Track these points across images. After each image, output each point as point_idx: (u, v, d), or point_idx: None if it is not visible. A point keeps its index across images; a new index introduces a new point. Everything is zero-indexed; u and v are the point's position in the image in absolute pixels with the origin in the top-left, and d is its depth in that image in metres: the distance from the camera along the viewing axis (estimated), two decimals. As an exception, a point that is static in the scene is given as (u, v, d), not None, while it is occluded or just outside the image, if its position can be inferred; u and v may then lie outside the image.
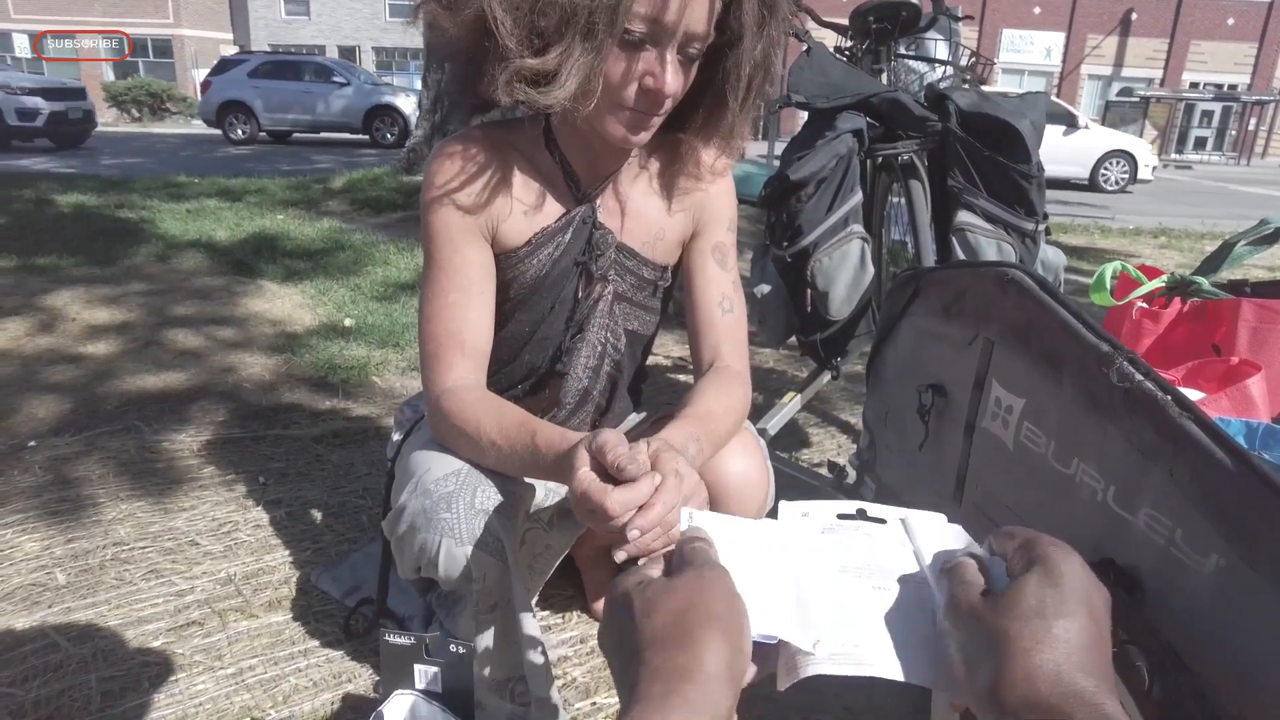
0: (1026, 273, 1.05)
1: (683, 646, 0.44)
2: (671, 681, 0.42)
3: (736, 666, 0.45)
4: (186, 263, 4.27)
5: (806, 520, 0.65)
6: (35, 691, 1.30)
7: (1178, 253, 6.34)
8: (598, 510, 0.70)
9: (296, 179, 7.52)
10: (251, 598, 1.55)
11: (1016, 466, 1.05)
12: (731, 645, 0.45)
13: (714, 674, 0.43)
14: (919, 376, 1.29)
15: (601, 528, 0.72)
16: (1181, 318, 1.30)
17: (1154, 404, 0.83)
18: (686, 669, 0.43)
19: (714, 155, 1.09)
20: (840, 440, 2.39)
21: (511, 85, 0.87)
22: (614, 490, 0.70)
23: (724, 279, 1.11)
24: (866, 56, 2.15)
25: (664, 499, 0.70)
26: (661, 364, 3.00)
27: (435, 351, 1.00)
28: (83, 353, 2.85)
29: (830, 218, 1.64)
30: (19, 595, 1.53)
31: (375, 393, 2.61)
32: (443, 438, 0.98)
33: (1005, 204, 1.70)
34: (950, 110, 1.69)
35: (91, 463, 2.05)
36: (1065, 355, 0.97)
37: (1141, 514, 0.85)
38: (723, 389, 1.01)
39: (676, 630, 0.45)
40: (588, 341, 1.11)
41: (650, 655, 0.44)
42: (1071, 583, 0.43)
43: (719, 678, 0.43)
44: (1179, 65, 25.70)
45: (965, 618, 0.45)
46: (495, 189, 1.01)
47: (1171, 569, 0.80)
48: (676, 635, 0.45)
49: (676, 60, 0.89)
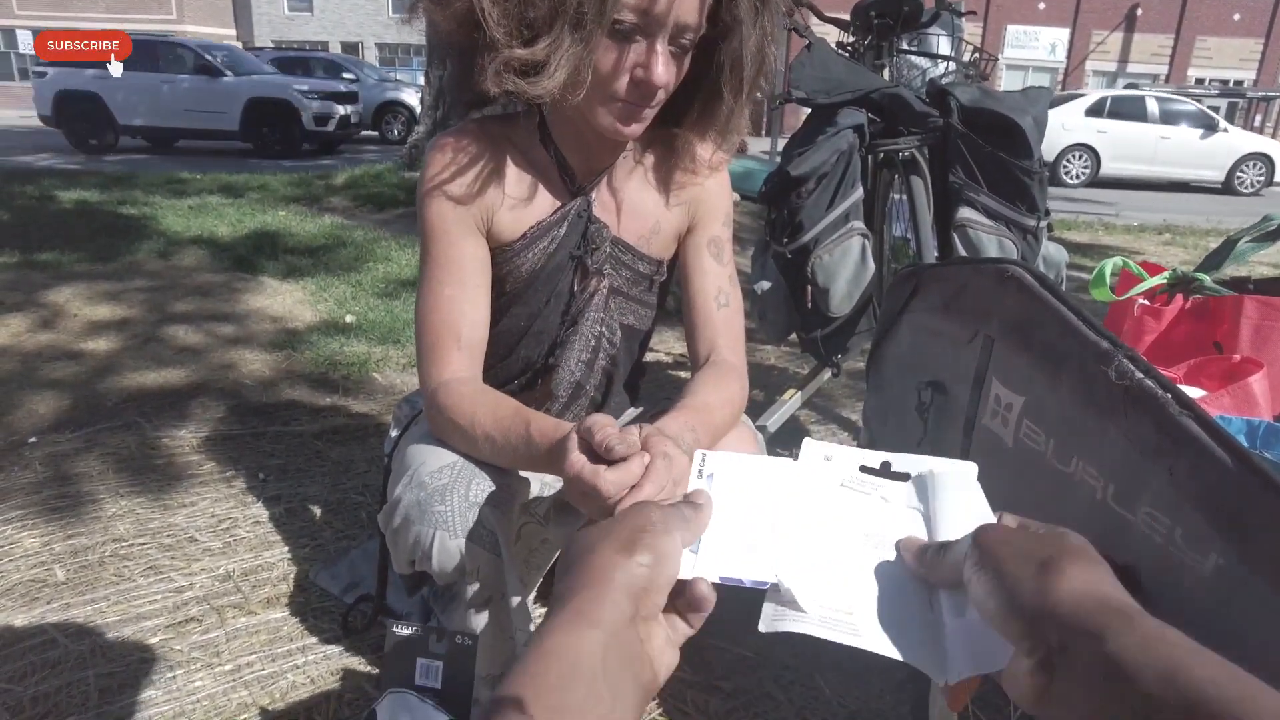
0: (1026, 269, 1.05)
1: (585, 564, 0.49)
2: (570, 592, 0.47)
3: (638, 581, 0.48)
4: (188, 259, 4.27)
5: (828, 466, 0.64)
6: (33, 688, 1.30)
7: (1181, 249, 6.32)
8: (590, 492, 0.70)
9: (298, 175, 7.52)
10: (250, 594, 1.55)
11: (1016, 465, 1.04)
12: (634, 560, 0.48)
13: (614, 585, 0.46)
14: (918, 374, 1.28)
15: (595, 511, 0.72)
16: (1183, 315, 1.29)
17: (1154, 402, 0.82)
18: (585, 580, 0.47)
19: (710, 150, 1.09)
20: (841, 437, 2.38)
21: (500, 76, 0.86)
22: (605, 471, 0.70)
23: (720, 273, 1.11)
24: (868, 52, 2.14)
25: (654, 479, 0.70)
26: (662, 360, 2.99)
27: (431, 345, 0.99)
28: (83, 349, 2.85)
29: (831, 214, 1.64)
30: (18, 591, 1.53)
31: (376, 389, 2.60)
32: (439, 431, 0.98)
33: (1007, 200, 1.69)
34: (952, 106, 1.68)
35: (91, 459, 2.05)
36: (1065, 353, 0.96)
37: (1141, 513, 0.84)
38: (719, 382, 1.00)
39: (585, 554, 0.50)
40: (580, 335, 1.11)
41: (564, 575, 0.50)
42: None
43: (617, 587, 0.46)
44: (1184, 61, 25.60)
45: (1001, 548, 0.46)
46: (490, 182, 1.01)
47: (1171, 569, 0.80)
48: (583, 557, 0.50)
49: (668, 51, 0.89)
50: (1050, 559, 0.43)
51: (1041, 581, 0.42)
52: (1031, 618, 0.41)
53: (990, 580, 0.45)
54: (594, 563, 0.48)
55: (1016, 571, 0.43)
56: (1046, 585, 0.41)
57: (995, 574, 0.44)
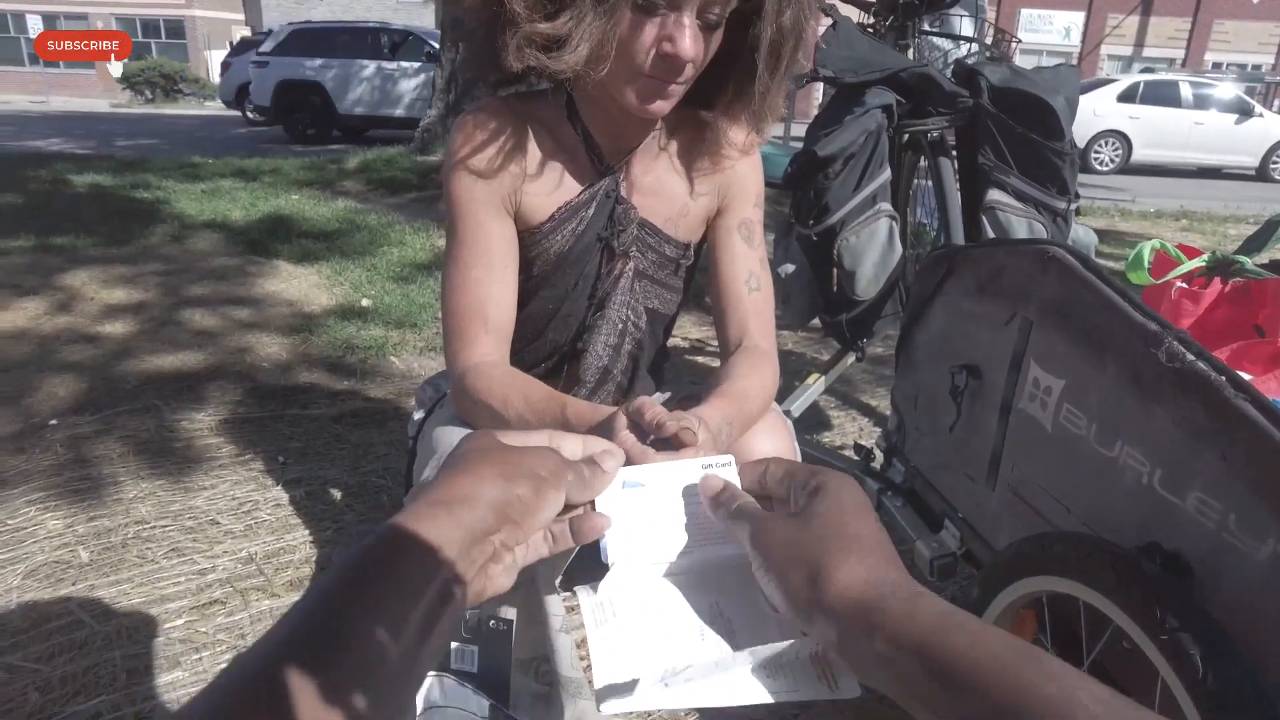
0: (1069, 250, 1.02)
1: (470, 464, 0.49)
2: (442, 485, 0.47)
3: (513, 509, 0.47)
4: (202, 243, 4.27)
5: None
6: (61, 668, 1.30)
7: (1200, 236, 6.25)
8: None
9: (311, 159, 7.51)
10: (273, 577, 1.55)
11: (1055, 448, 1.03)
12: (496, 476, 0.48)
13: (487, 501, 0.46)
14: (951, 357, 1.26)
15: None
16: (1222, 298, 1.27)
17: (1206, 385, 0.80)
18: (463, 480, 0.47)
19: (744, 132, 1.06)
20: (862, 423, 2.37)
21: (522, 51, 0.85)
22: (655, 455, 0.69)
23: (751, 256, 1.09)
24: (891, 33, 2.10)
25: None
26: (679, 345, 2.97)
27: (459, 327, 0.98)
28: (100, 332, 2.85)
29: (858, 195, 1.61)
30: (43, 573, 1.54)
31: (393, 373, 2.60)
32: (467, 414, 0.97)
33: (1037, 182, 1.66)
34: (982, 86, 1.65)
35: (111, 442, 2.05)
36: (1109, 335, 0.94)
37: (1191, 498, 0.82)
38: (753, 369, 0.98)
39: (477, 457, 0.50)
40: (608, 319, 1.09)
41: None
42: (855, 499, 0.48)
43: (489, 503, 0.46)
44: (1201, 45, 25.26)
45: (773, 538, 0.48)
46: (517, 161, 0.99)
47: (1224, 554, 0.78)
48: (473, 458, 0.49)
49: (696, 25, 0.86)
50: (816, 562, 0.44)
51: (812, 591, 0.44)
52: (808, 622, 0.44)
53: (770, 584, 0.47)
54: (479, 469, 0.48)
55: (790, 579, 0.45)
56: (816, 595, 0.44)
57: (774, 579, 0.47)
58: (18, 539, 1.64)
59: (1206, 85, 13.10)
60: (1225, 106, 12.70)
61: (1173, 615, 0.75)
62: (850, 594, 0.43)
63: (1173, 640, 0.74)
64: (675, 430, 0.69)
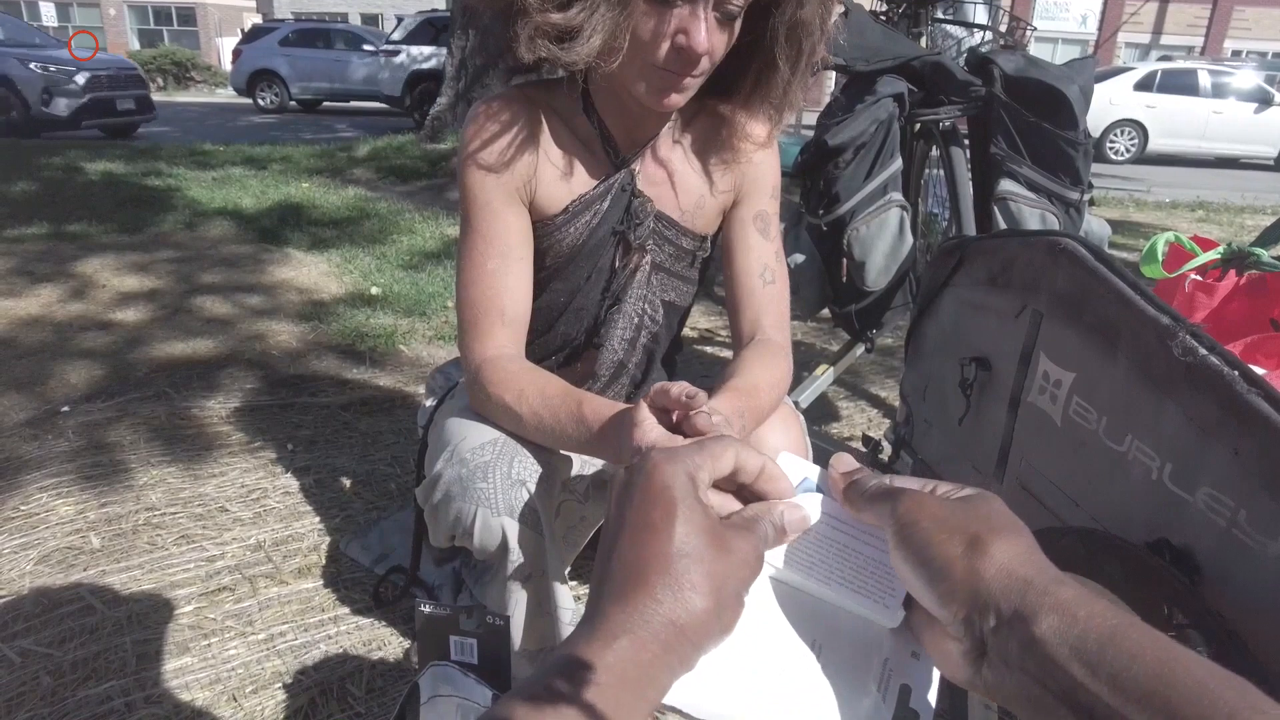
0: (1080, 242, 1.01)
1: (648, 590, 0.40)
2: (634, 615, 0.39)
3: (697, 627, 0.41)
4: (213, 230, 4.28)
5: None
6: (72, 652, 1.31)
7: (1216, 227, 6.18)
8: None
9: (321, 147, 7.52)
10: (281, 564, 1.56)
11: (1064, 442, 1.02)
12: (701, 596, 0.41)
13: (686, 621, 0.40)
14: (961, 349, 1.25)
15: None
16: (1237, 291, 1.25)
17: (1219, 379, 0.79)
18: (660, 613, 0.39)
19: (763, 126, 1.05)
20: (871, 414, 2.36)
21: (534, 42, 0.84)
22: (684, 441, 0.69)
23: (766, 249, 1.08)
24: (904, 20, 2.08)
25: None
26: (688, 335, 2.97)
27: (474, 319, 0.97)
28: (113, 319, 2.87)
29: (869, 185, 1.60)
30: (55, 558, 1.55)
31: (402, 361, 2.60)
32: (481, 407, 0.96)
33: (1050, 172, 1.64)
34: (995, 75, 1.63)
35: (123, 428, 2.07)
36: (1121, 328, 0.93)
37: (1201, 493, 0.81)
38: (767, 363, 0.98)
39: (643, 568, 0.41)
40: (624, 313, 1.09)
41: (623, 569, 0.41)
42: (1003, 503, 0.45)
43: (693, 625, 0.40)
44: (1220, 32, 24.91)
45: (925, 510, 0.43)
46: (531, 152, 0.98)
47: (1234, 551, 0.77)
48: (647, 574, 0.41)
49: (713, 17, 0.85)
50: (976, 533, 0.40)
51: (970, 558, 0.40)
52: (953, 598, 0.40)
53: (918, 555, 0.42)
54: (695, 595, 0.40)
55: (946, 547, 0.41)
56: (974, 563, 0.39)
57: (925, 549, 0.42)
58: (30, 525, 1.65)
59: (1225, 73, 12.92)
60: (1244, 95, 12.51)
61: (1181, 612, 0.74)
62: (1011, 568, 0.39)
63: (1180, 637, 0.73)
64: (699, 407, 0.69)
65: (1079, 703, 0.35)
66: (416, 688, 0.77)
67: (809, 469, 0.53)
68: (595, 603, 0.41)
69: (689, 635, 0.39)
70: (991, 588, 0.39)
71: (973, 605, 0.39)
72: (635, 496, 0.43)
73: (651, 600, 0.39)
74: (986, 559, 0.39)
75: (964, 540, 0.40)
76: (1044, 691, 0.36)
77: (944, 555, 0.40)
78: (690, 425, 0.68)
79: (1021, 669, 0.37)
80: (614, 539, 0.43)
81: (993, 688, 0.39)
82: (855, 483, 0.49)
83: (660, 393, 0.72)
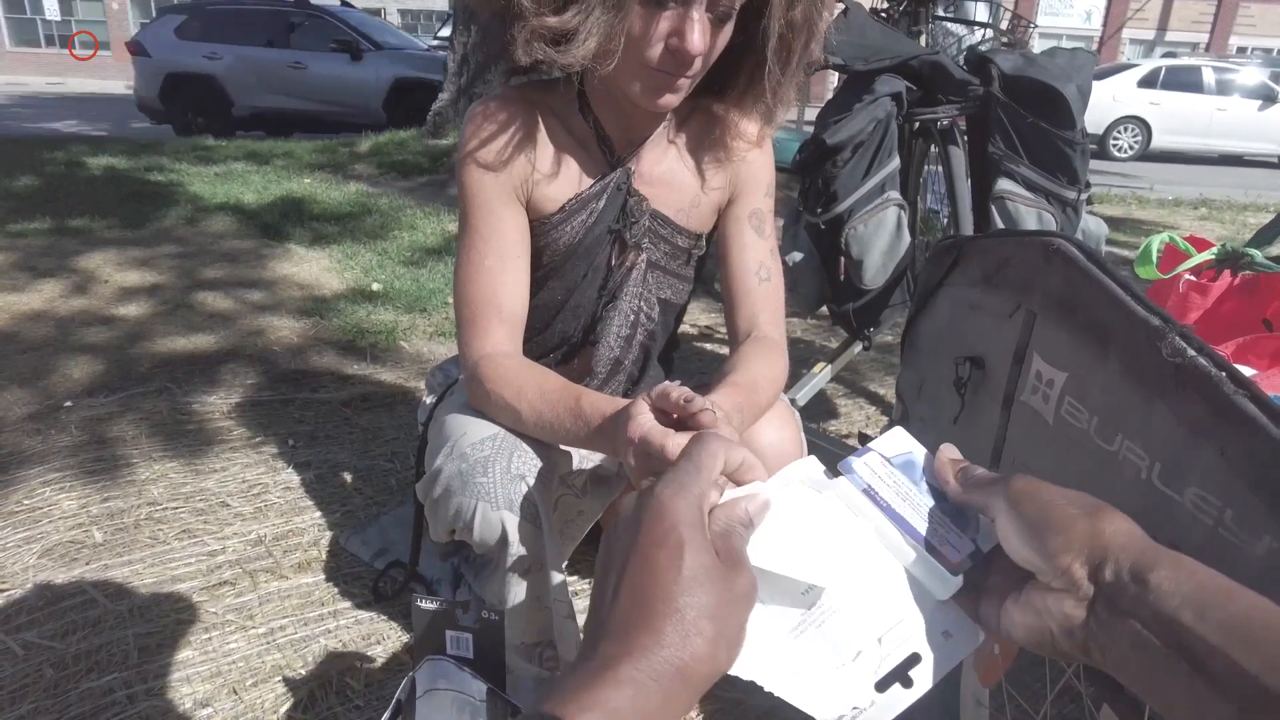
0: (1072, 243, 1.02)
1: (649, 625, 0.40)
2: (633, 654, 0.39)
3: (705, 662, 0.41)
4: (215, 225, 4.29)
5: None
6: (75, 645, 1.33)
7: (1219, 224, 6.18)
8: (656, 454, 0.70)
9: (323, 142, 7.52)
10: (282, 559, 1.58)
11: (1056, 442, 1.02)
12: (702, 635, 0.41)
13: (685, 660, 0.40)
14: (956, 348, 1.26)
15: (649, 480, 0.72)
16: (1231, 291, 1.26)
17: (1207, 380, 0.80)
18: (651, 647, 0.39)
19: (754, 125, 1.06)
20: (869, 412, 2.36)
21: (530, 45, 0.85)
22: (674, 434, 0.70)
23: (761, 246, 1.09)
24: (904, 19, 2.09)
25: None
26: (688, 332, 2.97)
27: (472, 317, 0.98)
28: (115, 314, 2.88)
29: (867, 183, 1.60)
30: (58, 552, 1.56)
31: (403, 357, 2.61)
32: (480, 403, 0.98)
33: (1047, 172, 1.65)
34: (993, 74, 1.64)
35: (125, 423, 2.08)
36: (1112, 329, 0.94)
37: (1189, 493, 0.82)
38: (764, 359, 0.99)
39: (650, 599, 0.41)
40: (620, 311, 1.10)
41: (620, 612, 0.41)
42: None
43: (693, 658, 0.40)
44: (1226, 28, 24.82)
45: (1038, 491, 0.47)
46: (528, 152, 0.99)
47: (1220, 550, 0.78)
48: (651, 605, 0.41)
49: (706, 19, 0.86)
50: (1096, 505, 0.45)
51: (1093, 523, 0.43)
52: (1079, 553, 0.43)
53: (1034, 518, 0.45)
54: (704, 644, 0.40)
55: (1064, 514, 0.44)
56: (1099, 526, 0.43)
57: (1040, 513, 0.45)
58: (34, 519, 1.67)
59: (1229, 70, 12.88)
60: (1248, 92, 12.47)
61: (1167, 610, 0.75)
62: (1130, 530, 0.43)
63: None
64: (699, 409, 0.70)
65: (1185, 645, 0.37)
66: (412, 681, 0.78)
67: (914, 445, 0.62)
68: (593, 643, 0.41)
69: (689, 679, 0.39)
70: (1111, 543, 0.42)
71: (1091, 557, 0.42)
72: (641, 533, 0.43)
73: (655, 643, 0.39)
74: (1106, 521, 0.43)
75: (1083, 507, 0.44)
76: (1151, 636, 0.39)
77: (1064, 515, 0.44)
78: (695, 422, 0.71)
79: (1133, 615, 0.40)
80: (618, 575, 0.43)
81: (1097, 636, 0.42)
82: (966, 468, 0.54)
83: (661, 396, 0.74)
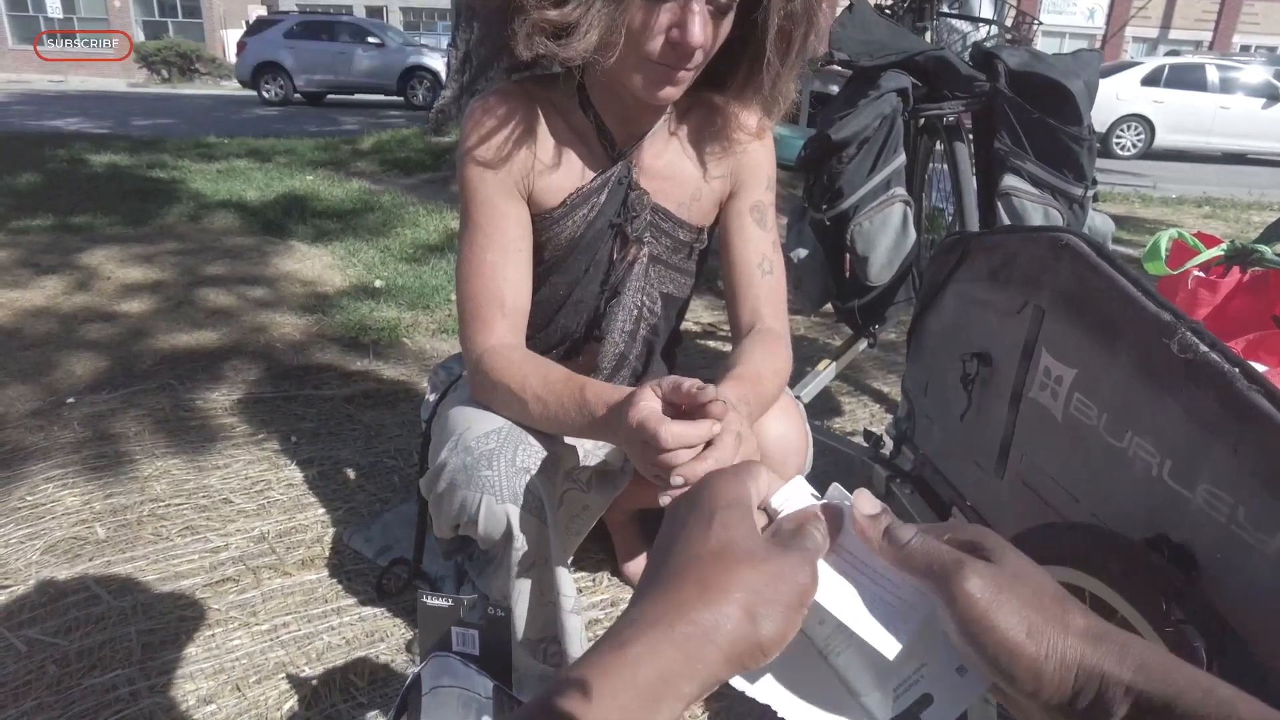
0: (1082, 238, 1.01)
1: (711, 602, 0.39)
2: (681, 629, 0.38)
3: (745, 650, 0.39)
4: (218, 223, 4.29)
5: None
6: (78, 642, 1.32)
7: (1223, 223, 6.16)
8: (650, 440, 0.70)
9: (325, 140, 7.51)
10: (285, 556, 1.57)
11: (1065, 438, 1.02)
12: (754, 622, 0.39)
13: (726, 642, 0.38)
14: (963, 345, 1.25)
15: (646, 466, 0.72)
16: (1240, 288, 1.25)
17: (1219, 376, 0.79)
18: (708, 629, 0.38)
19: (755, 117, 1.06)
20: (873, 409, 2.36)
21: (531, 38, 0.85)
22: (671, 422, 0.70)
23: (763, 239, 1.08)
24: (909, 15, 2.08)
25: (717, 455, 0.69)
26: (691, 329, 2.97)
27: (475, 311, 0.98)
28: (118, 311, 2.88)
29: (872, 180, 1.60)
30: (61, 548, 1.56)
31: (406, 354, 2.61)
32: (484, 396, 0.97)
33: (1053, 168, 1.64)
34: (999, 70, 1.63)
35: (128, 420, 2.08)
36: (1122, 325, 0.93)
37: (1200, 490, 0.82)
38: (768, 351, 0.99)
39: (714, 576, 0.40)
40: (623, 305, 1.09)
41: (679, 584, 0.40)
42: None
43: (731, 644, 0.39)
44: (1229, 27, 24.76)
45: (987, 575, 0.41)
46: (529, 146, 0.99)
47: (1232, 547, 0.77)
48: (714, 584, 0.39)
49: (706, 11, 0.86)
50: (1057, 593, 0.40)
51: (1062, 613, 0.39)
52: (1050, 654, 0.38)
53: (990, 657, 0.39)
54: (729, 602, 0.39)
55: (1033, 604, 0.39)
56: (1067, 618, 0.39)
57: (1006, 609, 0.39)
58: (37, 515, 1.66)
59: (1233, 68, 12.84)
60: (1252, 90, 12.43)
61: (1179, 608, 0.75)
62: (1094, 626, 0.38)
63: (1178, 633, 0.73)
64: (710, 399, 0.71)
65: None
66: (418, 678, 0.77)
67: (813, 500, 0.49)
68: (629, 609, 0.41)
69: (716, 641, 0.38)
70: (1083, 637, 0.38)
71: (1059, 693, 0.38)
72: (682, 506, 0.44)
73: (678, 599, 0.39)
74: (1072, 614, 0.39)
75: (1049, 597, 0.40)
76: None
77: (1029, 657, 0.38)
78: (704, 413, 0.71)
79: None
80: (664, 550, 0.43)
81: None
82: (890, 529, 0.44)
83: (673, 388, 0.74)
